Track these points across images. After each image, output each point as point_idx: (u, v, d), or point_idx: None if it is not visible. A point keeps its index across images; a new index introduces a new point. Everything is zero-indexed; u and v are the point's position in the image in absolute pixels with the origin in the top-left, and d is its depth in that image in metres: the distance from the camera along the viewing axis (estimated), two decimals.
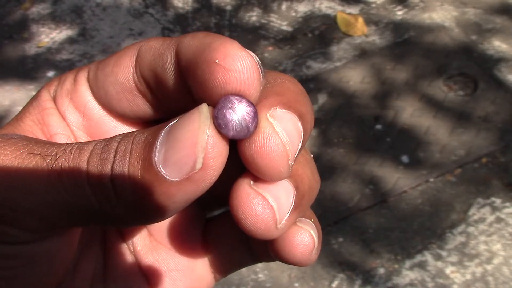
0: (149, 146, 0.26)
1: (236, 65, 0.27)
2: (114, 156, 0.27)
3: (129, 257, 0.37)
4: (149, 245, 0.38)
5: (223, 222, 0.38)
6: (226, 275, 0.39)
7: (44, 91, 0.35)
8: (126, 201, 0.27)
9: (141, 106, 0.33)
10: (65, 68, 2.20)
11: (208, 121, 0.26)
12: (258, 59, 0.28)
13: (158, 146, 0.26)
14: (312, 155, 0.33)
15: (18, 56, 2.27)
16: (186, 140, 0.26)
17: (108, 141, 0.28)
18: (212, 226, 0.38)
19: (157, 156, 0.26)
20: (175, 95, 0.31)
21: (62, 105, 0.34)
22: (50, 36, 2.34)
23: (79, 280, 0.35)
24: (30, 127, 0.34)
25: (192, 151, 0.26)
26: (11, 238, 0.28)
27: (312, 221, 0.32)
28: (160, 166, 0.26)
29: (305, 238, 0.31)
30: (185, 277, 0.38)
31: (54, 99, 0.35)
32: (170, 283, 0.37)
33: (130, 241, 0.38)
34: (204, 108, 0.27)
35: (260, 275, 1.62)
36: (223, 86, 0.27)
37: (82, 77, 0.34)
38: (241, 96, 0.27)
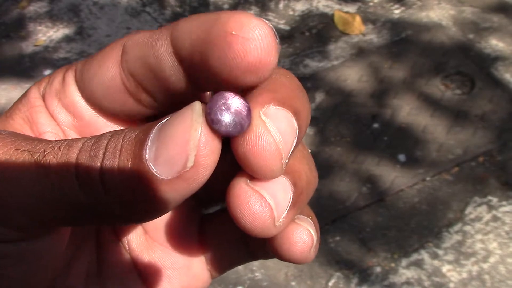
0: (140, 144, 0.26)
1: (254, 33, 0.26)
2: (104, 153, 0.26)
3: (124, 255, 0.37)
4: (145, 243, 0.37)
5: (220, 220, 0.37)
6: (223, 273, 0.39)
7: (33, 88, 0.34)
8: (115, 198, 0.26)
9: (131, 105, 0.32)
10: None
11: (201, 119, 0.26)
12: (272, 26, 0.27)
13: (149, 144, 0.26)
14: (309, 150, 0.32)
15: (15, 55, 2.26)
16: (178, 138, 0.25)
17: (98, 138, 0.27)
18: (209, 223, 0.38)
19: (148, 153, 0.25)
20: (173, 86, 0.30)
21: (51, 105, 0.34)
22: (47, 34, 2.33)
23: (73, 278, 0.35)
24: (19, 125, 0.33)
25: (184, 149, 0.25)
26: None
27: (311, 219, 0.31)
28: (151, 164, 0.25)
29: (303, 236, 0.30)
30: (181, 275, 0.37)
31: (43, 98, 0.34)
32: (166, 281, 0.37)
33: (125, 239, 0.37)
34: (197, 106, 0.26)
35: (256, 274, 1.62)
36: (243, 57, 0.26)
37: (70, 76, 0.33)
38: (235, 92, 0.27)
